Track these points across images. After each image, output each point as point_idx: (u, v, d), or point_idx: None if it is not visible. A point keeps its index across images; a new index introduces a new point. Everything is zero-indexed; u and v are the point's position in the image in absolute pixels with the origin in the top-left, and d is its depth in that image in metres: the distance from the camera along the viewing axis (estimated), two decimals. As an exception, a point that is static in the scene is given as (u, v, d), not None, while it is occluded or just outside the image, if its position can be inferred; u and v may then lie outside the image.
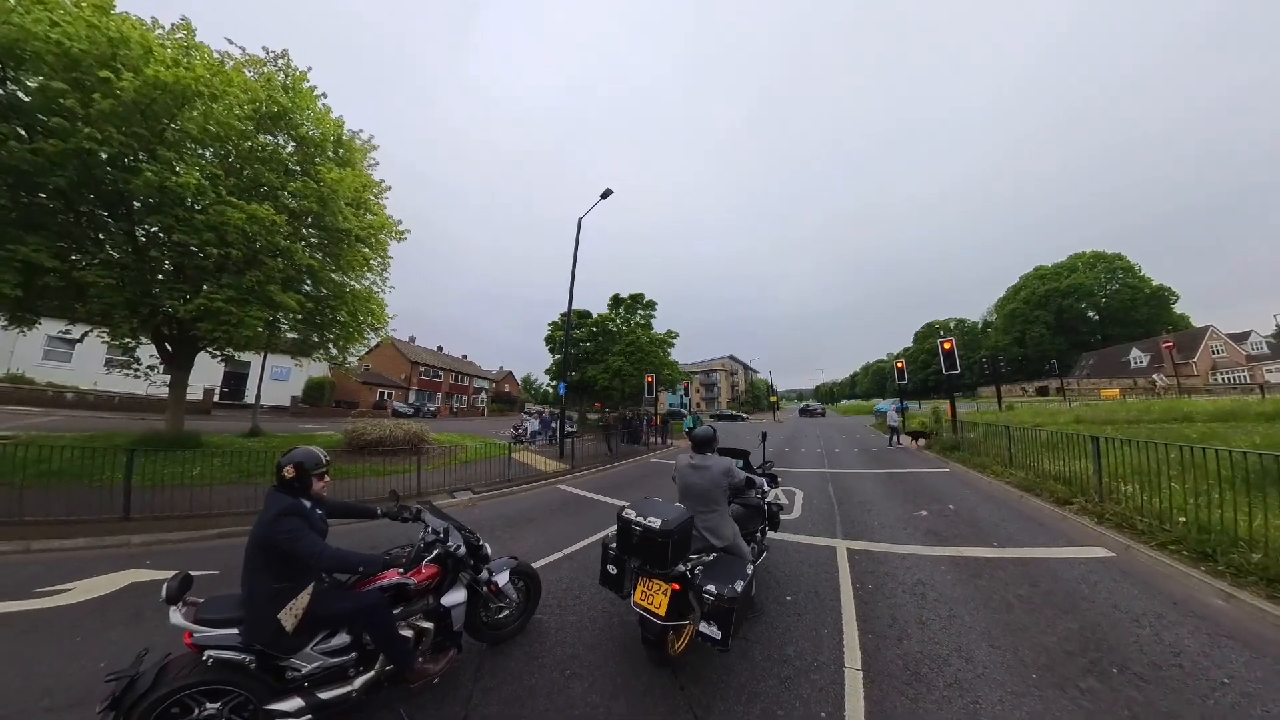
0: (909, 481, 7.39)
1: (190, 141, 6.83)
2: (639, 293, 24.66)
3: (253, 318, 7.09)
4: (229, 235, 6.78)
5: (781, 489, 7.17)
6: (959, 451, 9.39)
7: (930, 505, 5.68)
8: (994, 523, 4.82)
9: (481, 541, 2.58)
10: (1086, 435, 5.55)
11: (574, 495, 7.33)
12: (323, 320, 9.27)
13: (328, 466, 2.10)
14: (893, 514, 5.37)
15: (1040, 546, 4.05)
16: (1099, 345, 49.85)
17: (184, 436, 8.28)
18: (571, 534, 4.93)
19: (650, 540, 2.25)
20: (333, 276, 9.14)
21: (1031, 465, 6.57)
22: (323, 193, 7.94)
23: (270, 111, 7.76)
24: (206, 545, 4.38)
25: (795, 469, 9.38)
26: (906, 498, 6.19)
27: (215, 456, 6.63)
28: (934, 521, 4.97)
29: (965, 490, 6.50)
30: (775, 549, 4.27)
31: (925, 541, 4.33)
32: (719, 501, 2.67)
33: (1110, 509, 4.57)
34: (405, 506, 2.60)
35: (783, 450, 13.13)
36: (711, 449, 2.84)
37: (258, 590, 1.78)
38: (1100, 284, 52.26)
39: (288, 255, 7.68)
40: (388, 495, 2.90)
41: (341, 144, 9.14)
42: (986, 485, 6.72)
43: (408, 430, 9.78)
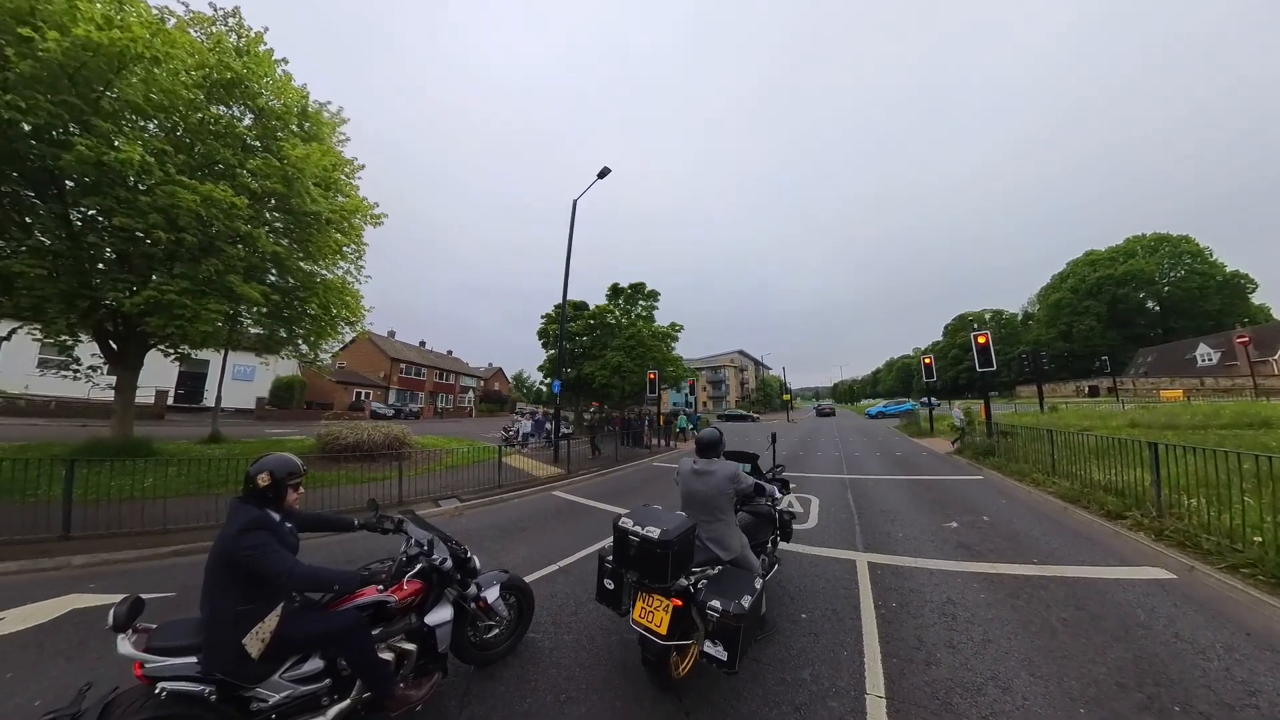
0: (938, 489, 7.32)
1: (131, 112, 6.51)
2: (640, 282, 24.57)
3: (210, 311, 6.87)
4: (180, 219, 6.51)
5: (795, 496, 7.12)
6: (994, 457, 9.22)
7: (961, 516, 5.62)
8: (1034, 537, 4.73)
9: (469, 554, 2.56)
10: (1143, 441, 5.32)
11: (570, 502, 7.31)
12: (291, 313, 9.12)
13: (303, 475, 2.08)
14: (919, 525, 5.33)
15: (1088, 565, 3.95)
16: (1159, 340, 47.19)
17: (133, 444, 7.99)
18: (567, 544, 4.94)
19: (649, 551, 2.24)
20: (301, 265, 8.98)
21: (1078, 474, 6.36)
22: (287, 171, 7.68)
23: (222, 79, 7.42)
24: (160, 565, 4.26)
25: (810, 474, 9.37)
26: (935, 507, 6.15)
27: (170, 466, 6.42)
28: (966, 534, 4.91)
29: (1001, 500, 6.42)
30: (788, 561, 4.25)
31: (956, 556, 4.28)
32: (724, 510, 2.66)
33: (1170, 525, 4.41)
34: (385, 517, 2.58)
35: (796, 454, 13.12)
36: (717, 452, 2.83)
37: (220, 613, 1.74)
38: (1162, 270, 49.40)
39: (249, 241, 7.45)
40: (366, 505, 2.88)
41: (307, 116, 8.90)
42: (1026, 495, 6.62)
43: (388, 433, 9.78)
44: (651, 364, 20.75)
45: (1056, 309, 54.91)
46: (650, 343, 22.17)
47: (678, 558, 2.24)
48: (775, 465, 4.12)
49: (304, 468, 2.09)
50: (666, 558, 2.19)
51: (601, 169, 11.92)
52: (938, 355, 60.73)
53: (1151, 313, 50.21)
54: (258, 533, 1.79)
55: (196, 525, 5.03)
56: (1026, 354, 24.94)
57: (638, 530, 2.30)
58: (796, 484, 8.07)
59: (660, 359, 21.98)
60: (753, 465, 3.84)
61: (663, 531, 2.23)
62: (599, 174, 11.96)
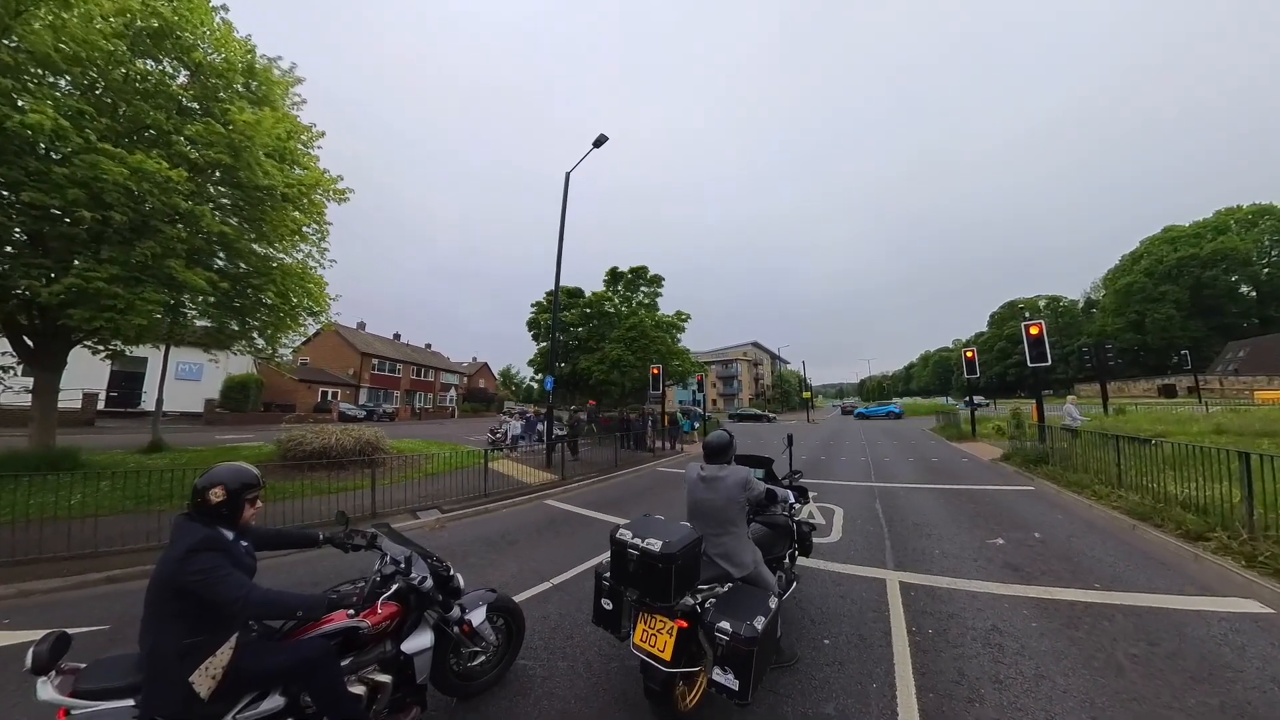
0: (981, 500, 7.28)
1: (37, 65, 6.18)
2: (641, 265, 24.45)
3: (146, 301, 6.62)
4: (107, 194, 6.18)
5: (816, 505, 7.17)
6: (1047, 465, 9.03)
7: (1009, 531, 5.58)
8: (1096, 558, 4.67)
9: (452, 571, 2.56)
10: (1232, 450, 5.08)
11: (564, 512, 7.35)
12: (243, 303, 8.98)
13: (261, 488, 2.06)
14: (959, 540, 5.32)
15: (1162, 593, 3.84)
16: (1254, 331, 43.65)
17: (56, 455, 7.77)
18: (562, 559, 4.96)
19: (650, 566, 2.23)
20: (254, 248, 8.83)
21: (1149, 487, 6.17)
22: (233, 139, 7.41)
23: (148, 27, 7.04)
24: (90, 594, 4.14)
25: (834, 481, 9.40)
26: (977, 521, 6.12)
27: (101, 479, 6.24)
28: (1014, 552, 4.87)
29: (1056, 514, 6.34)
30: (808, 579, 4.25)
31: (1002, 577, 4.23)
32: (735, 520, 2.66)
33: (1266, 549, 4.25)
34: (356, 531, 2.57)
35: (818, 459, 13.13)
36: (727, 457, 2.82)
37: (163, 647, 1.70)
38: (1261, 249, 45.87)
39: (191, 221, 7.25)
40: (334, 518, 2.86)
41: (254, 75, 8.60)
42: (1085, 510, 6.52)
43: (359, 437, 9.75)
44: (655, 357, 20.72)
45: (1126, 295, 51.96)
46: (653, 334, 22.11)
47: (682, 573, 2.23)
48: (792, 471, 4.10)
49: (261, 478, 2.07)
50: (669, 573, 2.18)
51: (597, 137, 11.78)
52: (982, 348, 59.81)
53: (1245, 299, 46.20)
54: (208, 554, 1.75)
55: (134, 547, 4.91)
56: (1088, 347, 24.27)
57: (637, 543, 2.29)
58: (818, 492, 8.09)
59: (664, 352, 21.93)
60: (766, 470, 3.83)
61: (665, 544, 2.23)
62: (595, 142, 11.82)
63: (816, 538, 5.17)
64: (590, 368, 21.77)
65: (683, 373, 24.41)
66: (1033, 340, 10.42)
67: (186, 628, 1.74)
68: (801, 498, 3.82)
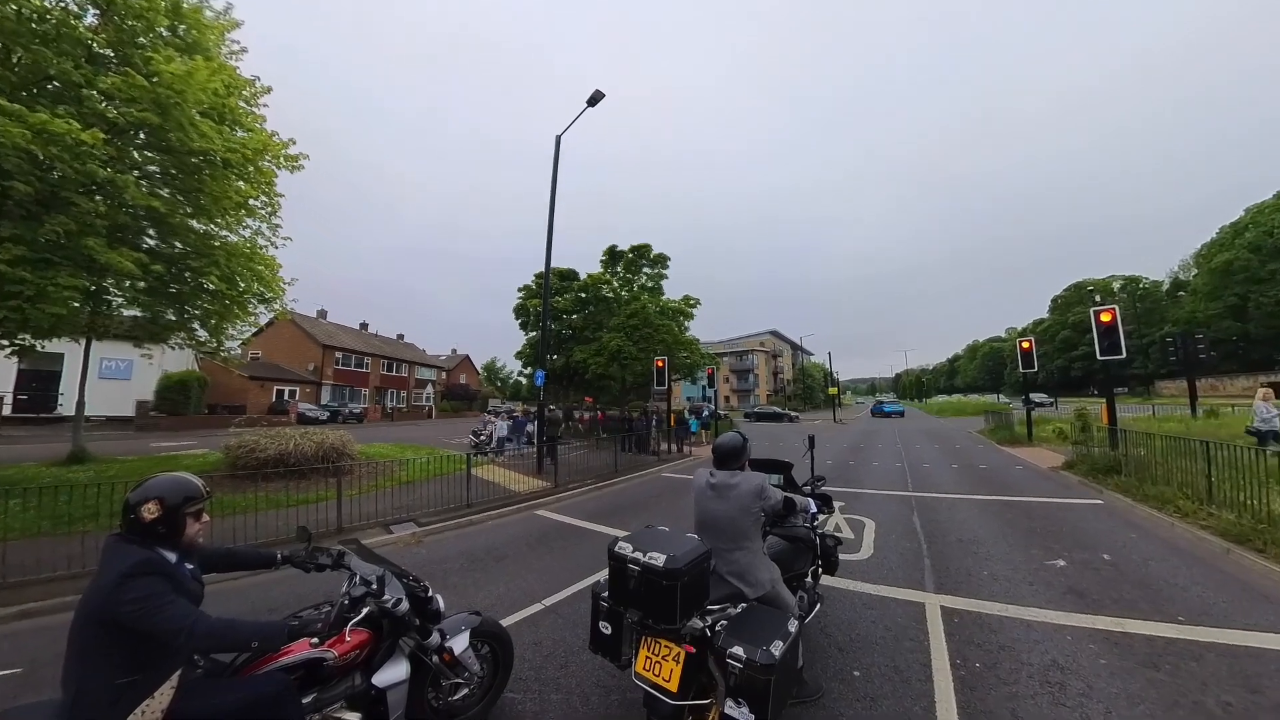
0: (1038, 514, 7.23)
1: None
2: (644, 243, 24.39)
3: (61, 287, 6.41)
4: (4, 160, 5.94)
5: (843, 517, 7.20)
6: (1119, 475, 8.87)
7: (1072, 551, 5.53)
8: (1180, 586, 4.55)
9: (431, 592, 2.55)
10: None
11: (558, 523, 7.39)
12: (181, 289, 8.85)
13: (207, 500, 2.04)
14: (1012, 560, 5.29)
15: (1265, 631, 3.67)
16: None
17: None
18: (555, 577, 4.99)
19: (652, 584, 2.23)
20: (192, 224, 8.67)
21: (1249, 503, 5.97)
22: (159, 95, 7.05)
23: None
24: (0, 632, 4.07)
25: (864, 490, 9.39)
26: (1034, 538, 6.07)
27: (11, 497, 5.95)
28: (1077, 575, 4.82)
29: (1129, 533, 6.25)
30: (834, 600, 4.24)
31: (1064, 604, 4.18)
32: (749, 533, 2.67)
33: None
34: (320, 549, 2.56)
35: (845, 464, 13.10)
36: (740, 462, 2.82)
37: (91, 690, 1.67)
38: None
39: (113, 192, 7.03)
40: (294, 535, 2.86)
41: (180, 16, 8.25)
42: (1166, 529, 6.40)
43: (321, 442, 9.74)
44: (659, 348, 20.72)
45: (1225, 275, 47.86)
46: (658, 321, 22.09)
47: (689, 591, 2.23)
48: (814, 477, 4.10)
49: (206, 490, 2.04)
50: (674, 591, 2.17)
51: (592, 94, 11.63)
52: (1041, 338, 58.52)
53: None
54: (145, 579, 1.73)
55: (53, 575, 4.79)
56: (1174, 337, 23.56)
57: (638, 557, 2.29)
58: (845, 502, 8.12)
59: (670, 342, 21.94)
60: (785, 477, 3.86)
61: (669, 558, 2.22)
62: (589, 100, 11.68)
63: (844, 553, 5.13)
64: (586, 360, 21.79)
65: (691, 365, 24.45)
66: (1104, 328, 10.08)
67: (119, 666, 1.71)
68: (825, 507, 3.81)
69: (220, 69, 8.27)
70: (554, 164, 12.11)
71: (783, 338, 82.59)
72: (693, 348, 24.23)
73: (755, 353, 71.28)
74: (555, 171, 12.13)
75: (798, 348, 76.37)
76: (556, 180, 12.15)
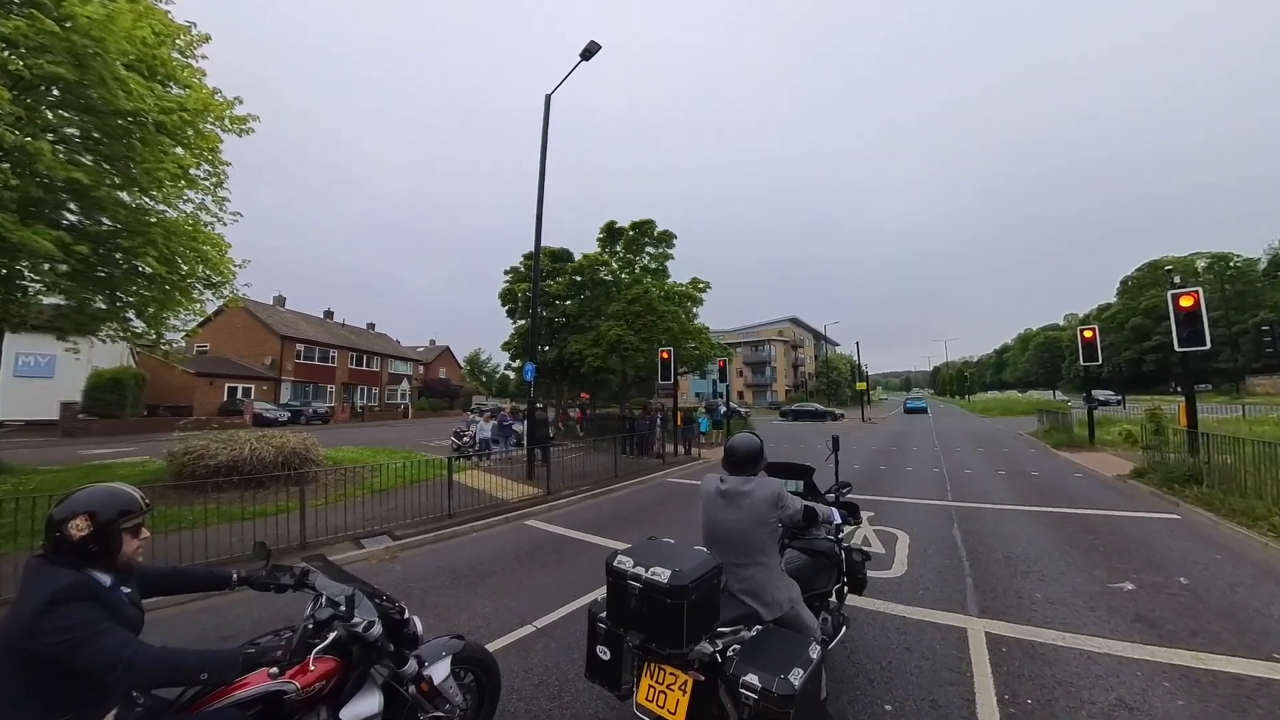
0: (1101, 530, 7.17)
1: None
2: (646, 219, 24.19)
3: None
4: None
5: (872, 528, 7.22)
6: (1200, 486, 8.67)
7: (1141, 573, 5.46)
8: (1273, 618, 4.42)
9: (408, 614, 2.54)
10: None
11: (551, 535, 7.47)
12: (112, 272, 8.69)
13: (146, 513, 2.02)
14: (1070, 581, 5.25)
15: None
16: None
17: None
18: (547, 596, 5.02)
19: (656, 602, 2.24)
20: (122, 197, 8.49)
21: None
22: (75, 44, 6.78)
23: None
24: None
25: (896, 498, 9.42)
26: (1096, 556, 6.04)
27: None
28: (1149, 601, 4.76)
29: (1212, 554, 6.13)
30: (862, 624, 4.23)
31: (1132, 634, 4.12)
32: (765, 547, 2.68)
33: None
34: (281, 567, 2.56)
35: (875, 469, 13.11)
36: (754, 466, 2.84)
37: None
38: None
39: (22, 159, 6.84)
40: (251, 551, 2.84)
41: None
42: (1258, 550, 6.26)
43: (281, 446, 9.70)
44: (664, 338, 20.67)
45: None
46: (662, 307, 22.03)
47: (697, 611, 2.23)
48: (838, 483, 4.11)
49: (146, 502, 2.02)
50: (681, 611, 2.18)
51: (586, 46, 11.49)
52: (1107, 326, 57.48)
53: None
54: (73, 605, 1.70)
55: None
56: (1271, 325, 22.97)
57: (639, 573, 2.31)
58: (874, 512, 8.14)
59: (677, 330, 21.89)
60: (805, 483, 3.87)
61: (674, 574, 2.23)
62: (582, 54, 11.54)
63: (873, 570, 5.10)
64: (582, 351, 21.75)
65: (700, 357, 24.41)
66: (1184, 315, 9.79)
67: (44, 707, 1.69)
68: (852, 517, 3.81)
69: (148, 12, 8.02)
70: (544, 127, 11.99)
71: (804, 326, 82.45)
72: (702, 337, 24.17)
73: (773, 343, 71.26)
74: (545, 136, 12.02)
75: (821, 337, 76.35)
76: (546, 146, 12.04)
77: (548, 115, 11.99)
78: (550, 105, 12.00)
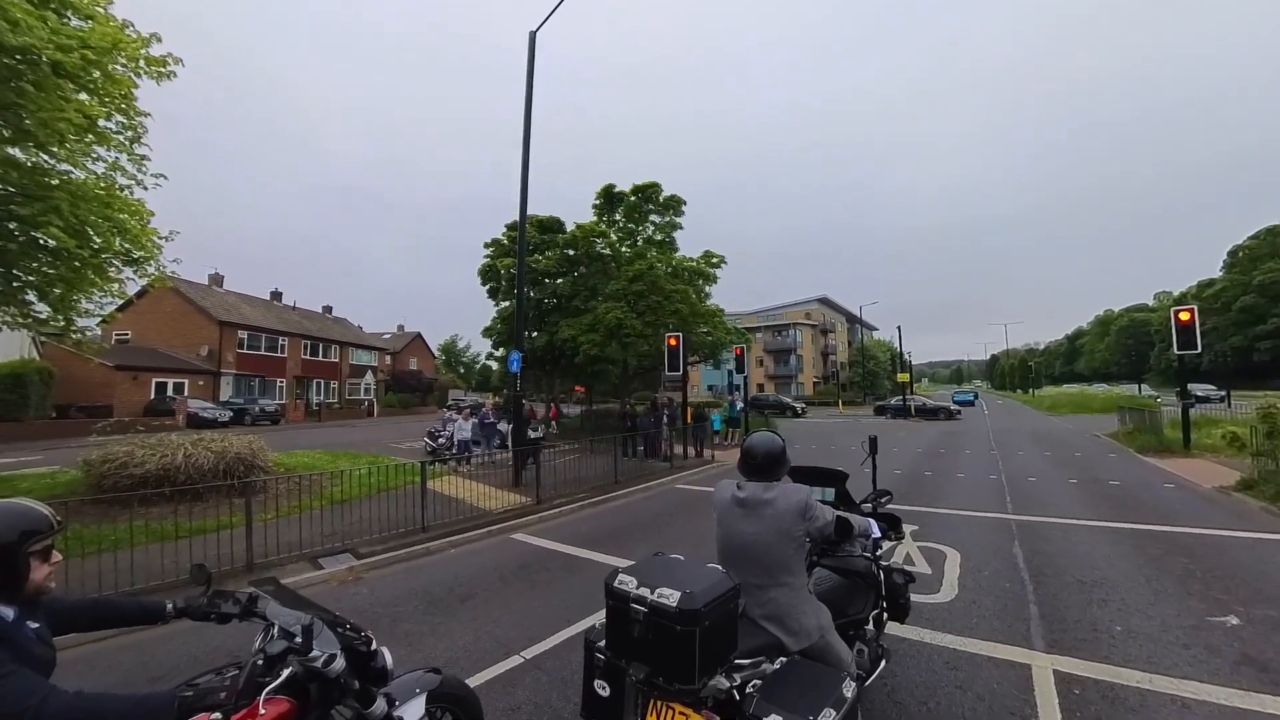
0: (1198, 552, 7.08)
1: None
2: (650, 182, 24.04)
3: None
4: None
5: (916, 545, 7.24)
6: None
7: (1250, 606, 5.35)
8: None
9: (375, 645, 2.53)
10: None
11: (541, 550, 7.52)
12: (6, 245, 8.51)
13: (57, 533, 1.98)
14: (1158, 613, 5.18)
15: None
16: None
17: None
18: (537, 621, 5.05)
19: (663, 630, 2.25)
20: (12, 154, 8.28)
21: None
22: None
23: None
24: None
25: (944, 509, 9.44)
26: (1191, 583, 5.96)
27: None
28: (1259, 640, 4.65)
29: None
30: (904, 656, 4.22)
31: (1237, 679, 4.05)
32: (790, 565, 2.69)
33: None
34: (224, 593, 2.55)
35: (920, 475, 13.12)
36: (776, 471, 2.86)
37: None
38: None
39: None
40: (188, 574, 2.84)
41: None
42: None
43: (223, 451, 9.67)
44: (672, 321, 20.65)
45: None
46: (669, 286, 22.00)
47: (711, 640, 2.24)
48: (877, 491, 4.11)
49: (57, 520, 1.99)
50: (692, 639, 2.19)
51: (581, -25, 11.31)
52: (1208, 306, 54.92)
53: None
54: None
55: None
56: None
57: (644, 595, 2.32)
58: (918, 525, 8.16)
59: (687, 313, 21.89)
60: (838, 491, 3.87)
61: (684, 596, 2.23)
62: (576, -16, 11.37)
63: (918, 593, 5.12)
64: (576, 338, 21.75)
65: (714, 344, 24.45)
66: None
67: None
68: (892, 531, 3.79)
69: None
70: (529, 69, 11.89)
71: (835, 307, 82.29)
72: (715, 320, 24.15)
73: (799, 327, 71.34)
74: (530, 81, 11.92)
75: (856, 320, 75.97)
76: (532, 93, 11.95)
77: (533, 56, 11.90)
78: (535, 45, 11.90)
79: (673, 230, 24.91)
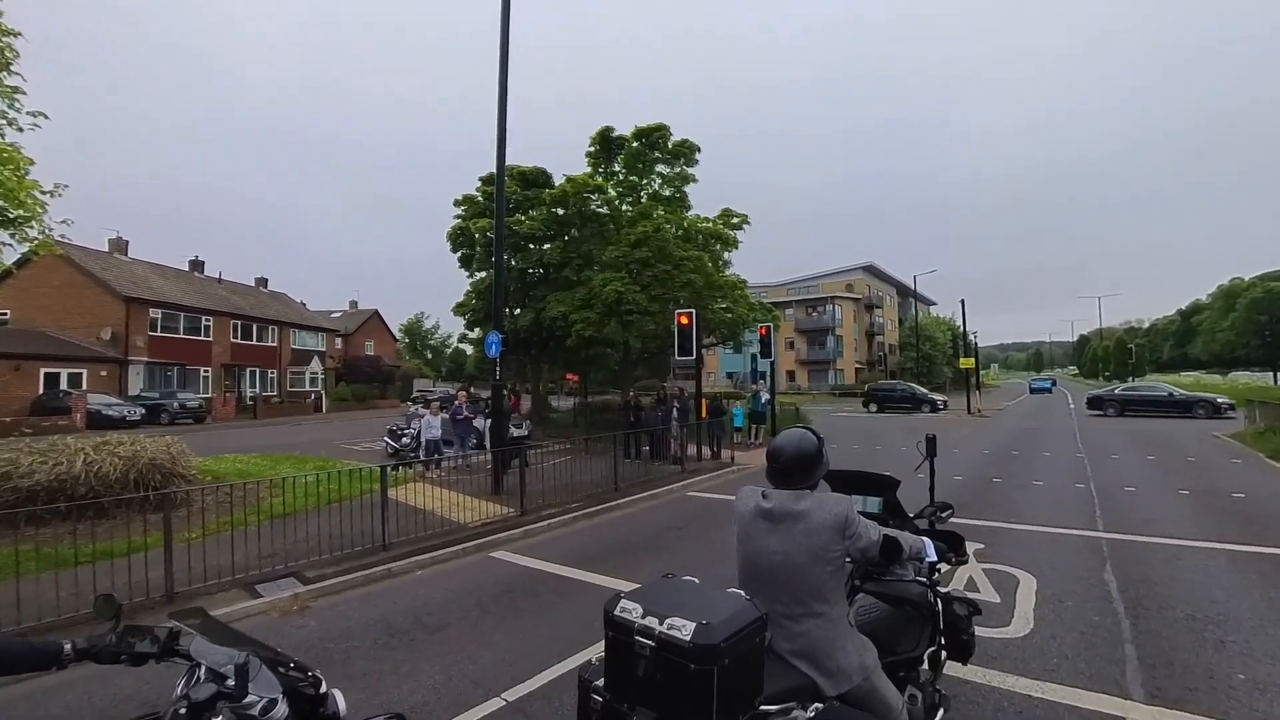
0: None
1: None
2: (657, 124, 23.73)
3: None
4: None
5: (980, 567, 7.26)
6: None
7: None
8: None
9: (325, 688, 2.53)
10: None
11: (526, 571, 7.59)
12: None
13: None
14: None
15: None
16: None
17: None
18: (522, 656, 5.11)
19: (674, 667, 2.26)
20: None
21: None
22: None
23: None
24: None
25: (1017, 525, 9.48)
26: None
27: None
28: None
29: None
30: (967, 702, 4.25)
31: None
32: (826, 592, 2.71)
33: None
34: (138, 629, 2.52)
35: (988, 481, 13.13)
36: (811, 478, 2.86)
37: None
38: None
39: None
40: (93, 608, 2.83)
41: None
42: None
43: (133, 456, 9.72)
44: (684, 295, 20.59)
45: None
46: (681, 252, 21.92)
47: (732, 680, 2.25)
48: (934, 504, 4.12)
49: None
50: (709, 680, 2.19)
51: None
52: None
53: None
54: None
55: None
56: None
57: (651, 625, 2.33)
58: (984, 543, 8.23)
59: (701, 285, 21.82)
60: (885, 501, 3.89)
61: (699, 628, 2.23)
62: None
63: (984, 627, 5.12)
64: (568, 315, 21.73)
65: (734, 322, 24.37)
66: None
67: None
68: (952, 551, 3.74)
69: None
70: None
71: (884, 277, 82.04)
72: (736, 294, 24.08)
73: (838, 301, 71.21)
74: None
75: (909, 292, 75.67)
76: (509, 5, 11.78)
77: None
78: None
79: (684, 184, 24.68)
